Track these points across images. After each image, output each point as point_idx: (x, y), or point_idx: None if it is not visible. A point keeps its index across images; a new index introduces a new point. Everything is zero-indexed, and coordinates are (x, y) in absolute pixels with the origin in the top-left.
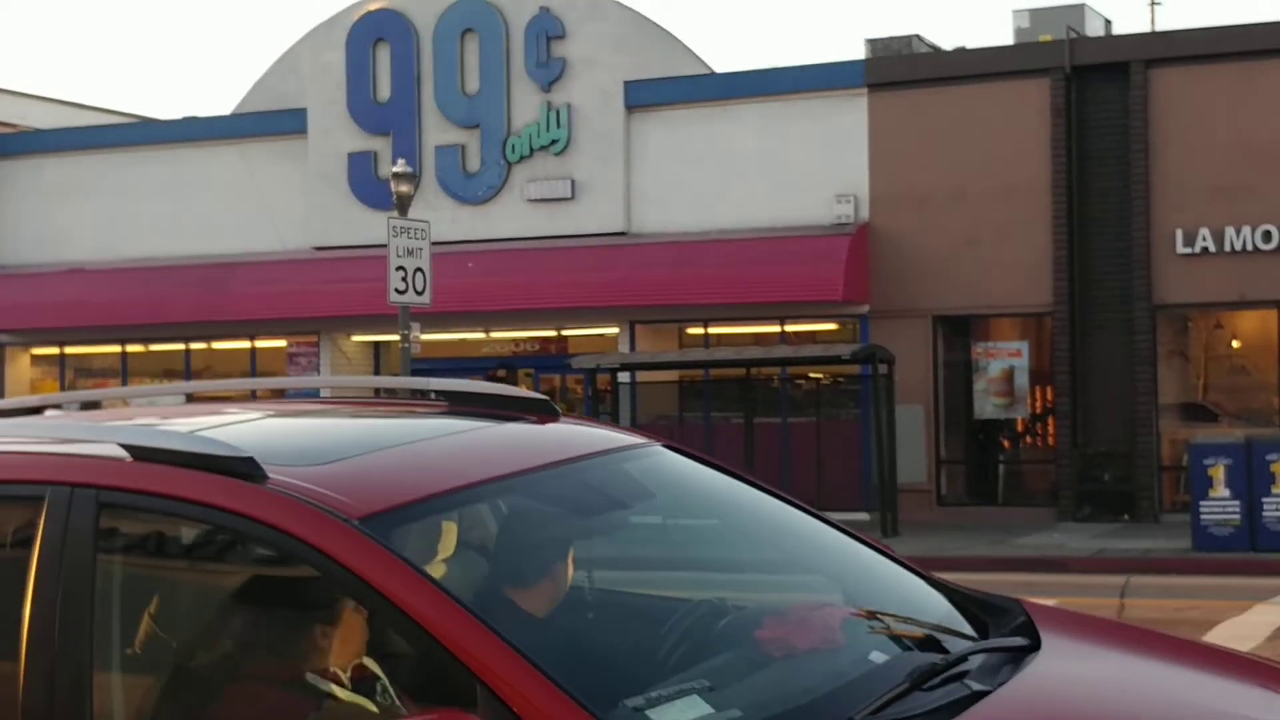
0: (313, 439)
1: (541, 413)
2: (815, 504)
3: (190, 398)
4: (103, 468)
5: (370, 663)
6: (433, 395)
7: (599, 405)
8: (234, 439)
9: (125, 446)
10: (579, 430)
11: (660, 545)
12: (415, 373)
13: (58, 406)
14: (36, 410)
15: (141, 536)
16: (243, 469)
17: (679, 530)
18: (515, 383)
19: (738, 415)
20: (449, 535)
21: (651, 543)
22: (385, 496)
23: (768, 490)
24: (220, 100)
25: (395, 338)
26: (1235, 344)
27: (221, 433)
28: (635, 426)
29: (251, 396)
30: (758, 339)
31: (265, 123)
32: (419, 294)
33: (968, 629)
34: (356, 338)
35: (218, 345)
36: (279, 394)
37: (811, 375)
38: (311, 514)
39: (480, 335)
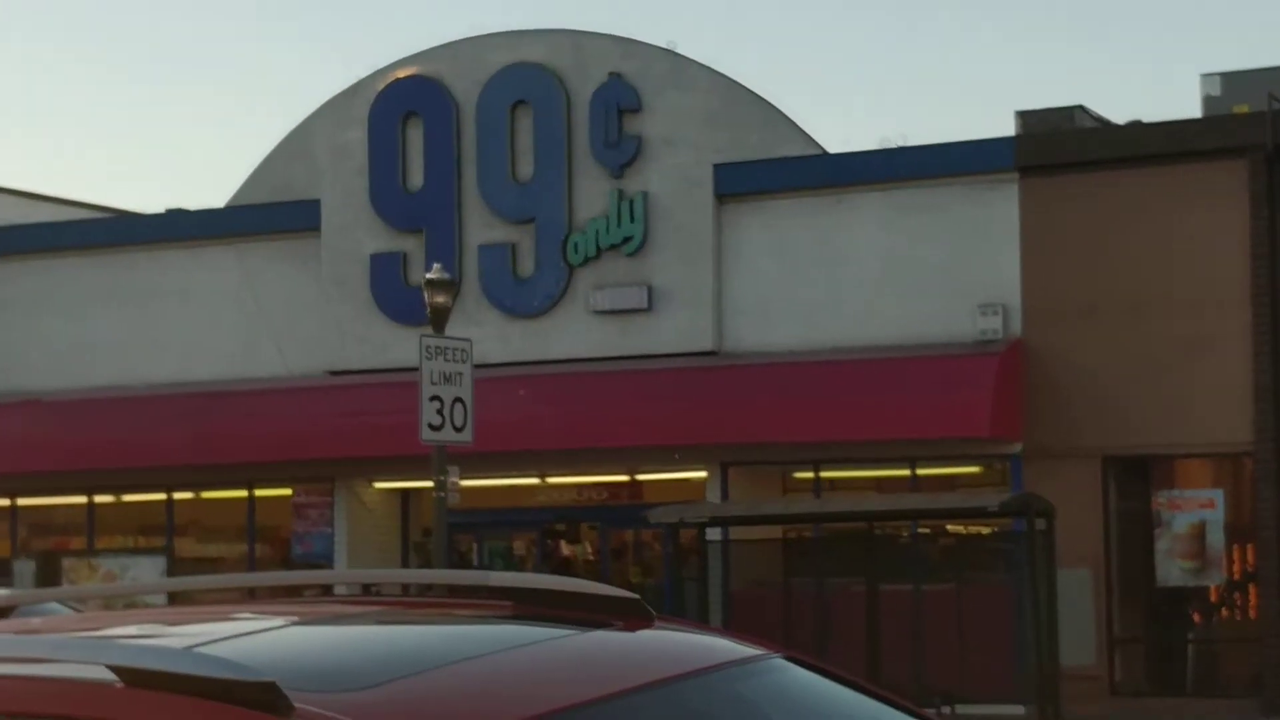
0: (347, 654)
1: (632, 615)
2: (956, 692)
3: (173, 598)
4: (84, 696)
5: None
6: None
7: (681, 569)
8: (249, 656)
9: (114, 668)
10: (680, 639)
11: None
12: (453, 527)
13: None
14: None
15: None
16: (263, 697)
17: None
18: (577, 539)
19: (857, 581)
20: None
21: None
22: None
23: (914, 713)
24: (212, 191)
25: (428, 484)
26: None
27: (233, 647)
28: (727, 595)
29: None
30: (881, 485)
31: (268, 217)
32: (458, 430)
33: None
34: (380, 484)
35: (207, 494)
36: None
37: (950, 530)
38: None
39: (534, 480)
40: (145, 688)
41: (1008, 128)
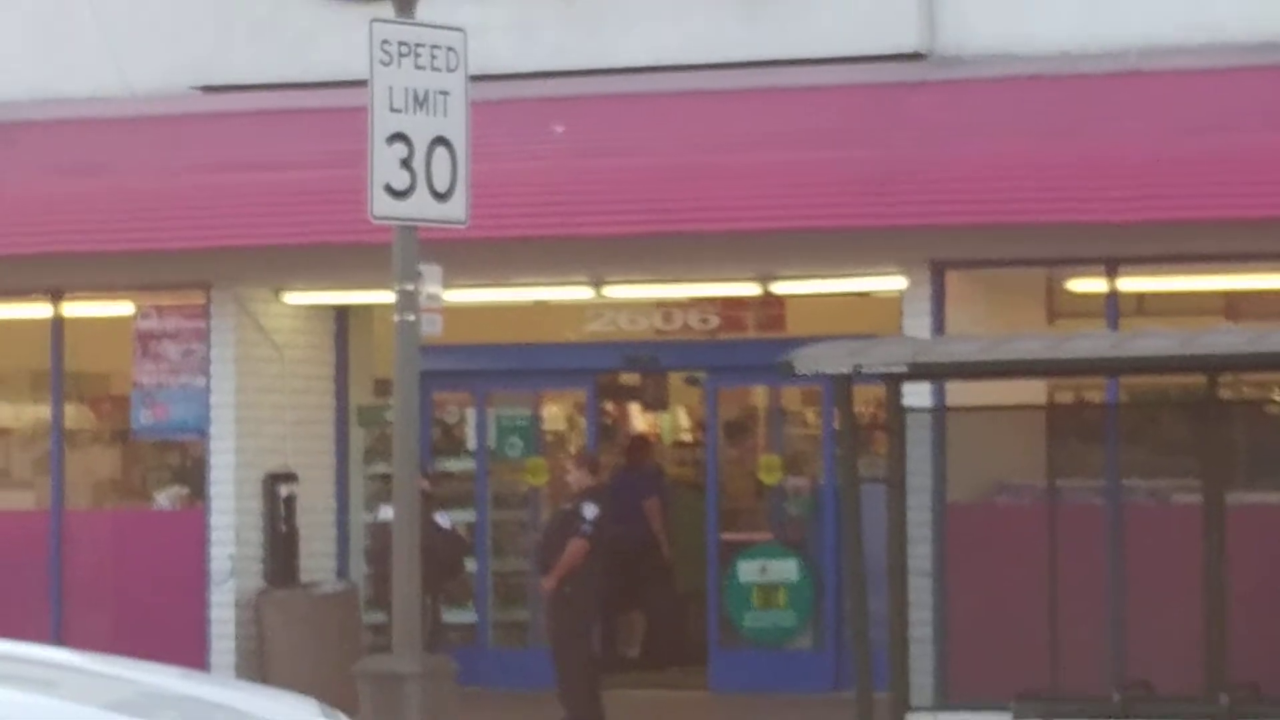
0: None
1: None
2: None
3: None
4: None
5: None
6: None
7: (856, 461)
8: None
9: None
10: None
11: None
12: (432, 378)
13: None
14: None
15: None
16: None
17: None
18: (660, 402)
19: (1187, 485)
20: None
21: None
22: None
23: None
24: None
25: (385, 300)
26: None
27: None
28: (941, 511)
29: None
30: (1232, 305)
31: None
32: (441, 199)
33: None
34: (293, 296)
35: None
36: None
37: None
38: None
39: (581, 293)
40: None
41: None
